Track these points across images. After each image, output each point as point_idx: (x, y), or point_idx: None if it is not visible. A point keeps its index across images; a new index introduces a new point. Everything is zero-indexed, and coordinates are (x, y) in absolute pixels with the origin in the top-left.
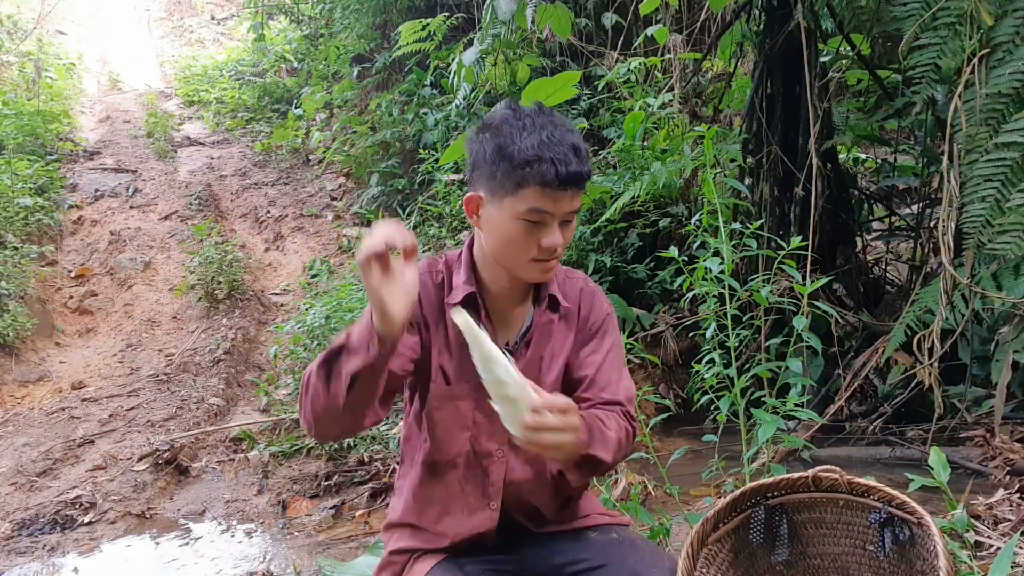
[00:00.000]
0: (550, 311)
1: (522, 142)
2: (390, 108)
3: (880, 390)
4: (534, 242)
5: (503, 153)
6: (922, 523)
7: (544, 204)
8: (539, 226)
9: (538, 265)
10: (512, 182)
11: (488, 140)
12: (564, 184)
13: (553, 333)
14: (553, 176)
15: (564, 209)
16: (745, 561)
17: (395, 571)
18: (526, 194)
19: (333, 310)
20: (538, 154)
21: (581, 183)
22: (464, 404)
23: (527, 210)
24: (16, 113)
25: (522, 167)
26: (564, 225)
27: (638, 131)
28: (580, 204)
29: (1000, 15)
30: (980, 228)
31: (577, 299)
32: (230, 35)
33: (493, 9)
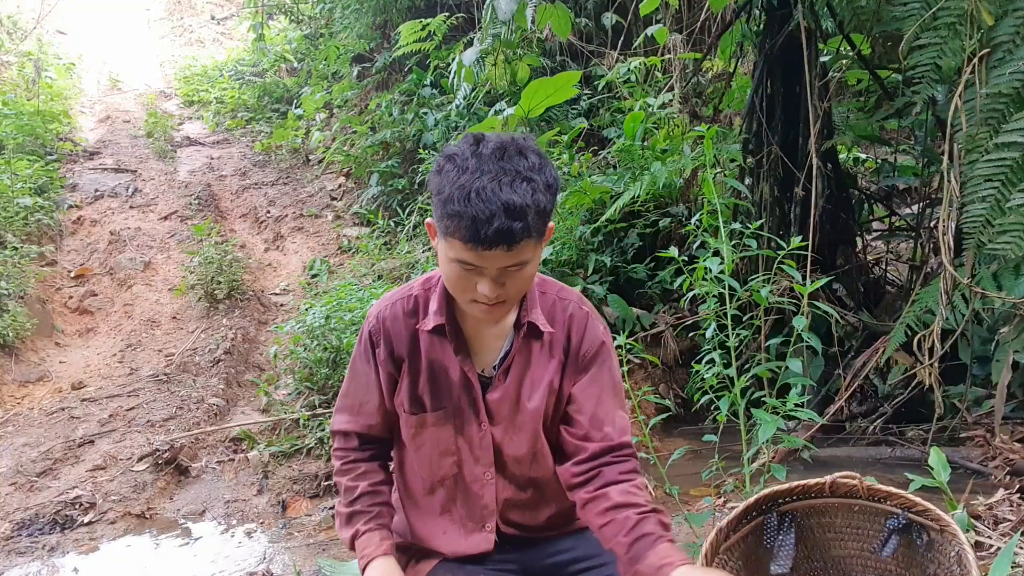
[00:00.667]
0: (531, 337)
1: (453, 190)
2: (390, 108)
3: (880, 390)
4: (471, 286)
5: (438, 196)
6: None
7: (469, 258)
8: (473, 272)
9: (480, 307)
10: (442, 227)
11: (434, 176)
12: (485, 245)
13: (533, 360)
14: (471, 236)
15: (496, 264)
16: (754, 567)
17: None
18: (453, 243)
19: (333, 310)
20: (460, 210)
21: (510, 244)
22: (444, 430)
23: (454, 258)
24: (16, 113)
25: (446, 218)
26: (510, 274)
27: (638, 131)
28: (527, 256)
29: (1000, 15)
30: (980, 228)
31: (566, 325)
32: (230, 35)
33: (493, 9)
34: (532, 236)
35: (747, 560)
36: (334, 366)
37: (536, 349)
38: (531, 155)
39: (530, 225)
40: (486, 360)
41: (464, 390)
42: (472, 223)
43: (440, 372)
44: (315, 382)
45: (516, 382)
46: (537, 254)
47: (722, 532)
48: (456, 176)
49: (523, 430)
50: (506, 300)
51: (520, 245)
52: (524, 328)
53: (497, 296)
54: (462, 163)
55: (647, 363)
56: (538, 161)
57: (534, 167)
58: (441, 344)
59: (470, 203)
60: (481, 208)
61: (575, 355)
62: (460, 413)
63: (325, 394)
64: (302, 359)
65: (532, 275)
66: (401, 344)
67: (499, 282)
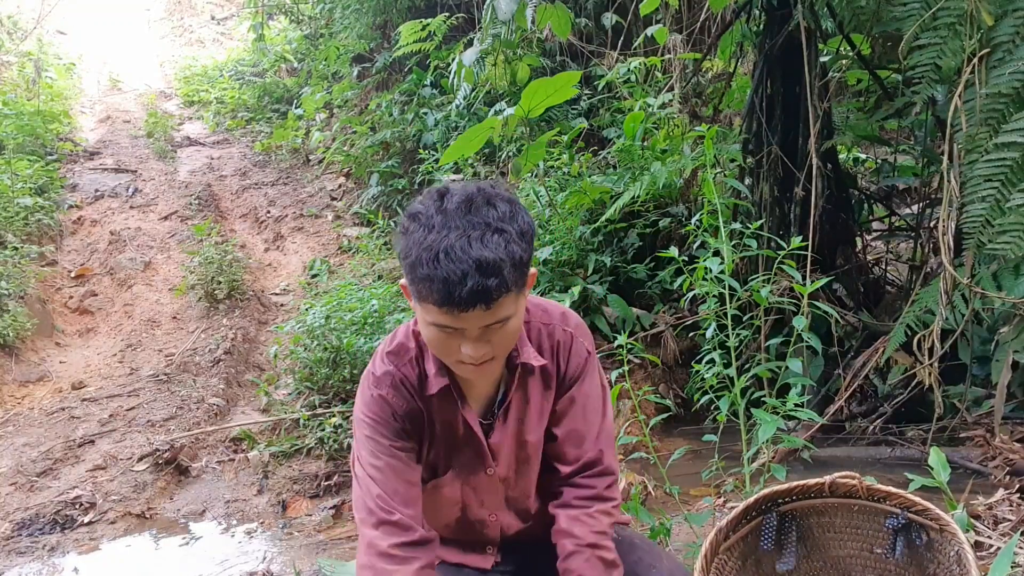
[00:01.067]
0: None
1: (420, 252)
2: (390, 108)
3: (880, 390)
4: (454, 348)
5: (406, 257)
6: (945, 530)
7: (446, 321)
8: (454, 335)
9: (467, 367)
10: (415, 291)
11: (400, 238)
12: (461, 307)
13: (531, 394)
14: (444, 300)
15: (476, 324)
16: (752, 567)
17: None
18: (428, 308)
19: (333, 310)
20: (430, 273)
21: (488, 302)
22: (451, 488)
23: (431, 322)
24: (16, 113)
25: (416, 282)
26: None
27: (638, 131)
28: (508, 312)
29: (1000, 15)
30: (980, 228)
31: (553, 352)
32: (230, 35)
33: (493, 9)
34: (511, 290)
35: (747, 560)
36: (334, 366)
37: (531, 384)
38: (500, 204)
39: (507, 280)
40: (483, 405)
41: (469, 441)
42: (444, 285)
43: (449, 432)
44: (315, 382)
45: (516, 421)
46: (520, 306)
47: (722, 532)
48: (422, 236)
49: (527, 462)
50: (494, 357)
51: (499, 302)
52: (518, 369)
53: (482, 356)
54: (427, 221)
55: (647, 363)
56: (508, 209)
57: (504, 216)
58: (445, 402)
59: (439, 264)
60: (452, 269)
61: (563, 379)
62: (467, 466)
63: (325, 394)
64: (302, 359)
65: (518, 328)
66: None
67: (483, 341)
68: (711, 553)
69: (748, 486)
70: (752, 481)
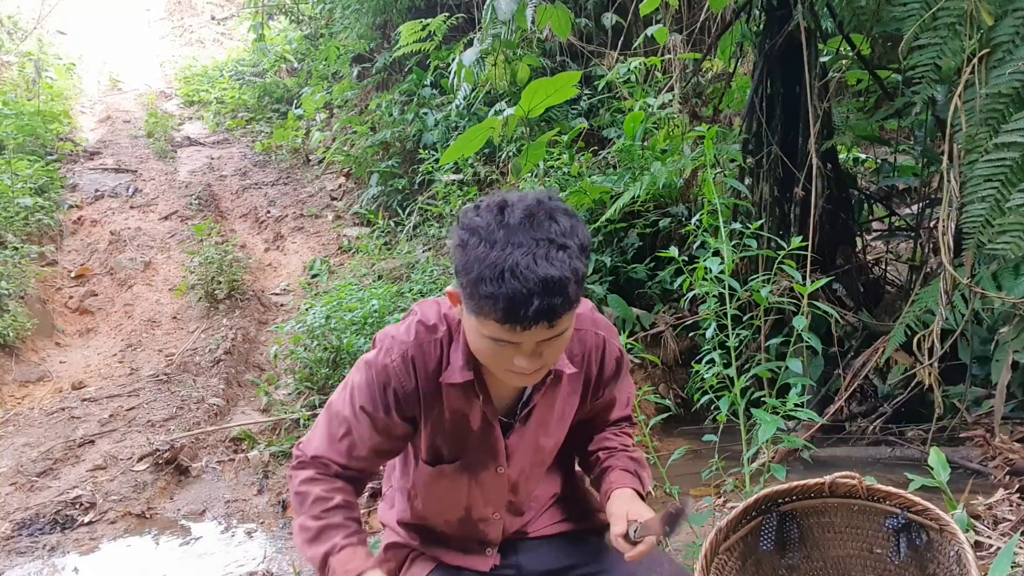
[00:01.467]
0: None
1: (483, 269)
2: (390, 108)
3: (880, 390)
4: (507, 358)
5: (467, 273)
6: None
7: (505, 336)
8: (509, 348)
9: (516, 377)
10: (473, 307)
11: (458, 250)
12: (524, 324)
13: (556, 399)
14: (508, 318)
15: (533, 339)
16: (752, 568)
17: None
18: (487, 323)
19: (333, 310)
20: (494, 291)
21: (551, 320)
22: (459, 480)
23: (488, 336)
24: (16, 113)
25: (478, 298)
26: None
27: (638, 131)
28: (567, 325)
29: (1000, 15)
30: (980, 228)
31: (585, 359)
32: (230, 35)
33: (493, 9)
34: (573, 307)
35: (746, 560)
36: (334, 366)
37: (558, 390)
38: (561, 218)
39: (571, 297)
40: (505, 404)
41: (483, 436)
42: (509, 303)
43: (461, 422)
44: (315, 382)
45: (537, 424)
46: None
47: (722, 532)
48: (484, 252)
49: (541, 465)
50: (543, 366)
51: (561, 319)
52: (550, 376)
53: (536, 368)
54: (488, 236)
55: (647, 363)
56: (570, 224)
57: (567, 231)
58: (466, 396)
59: (504, 282)
60: (518, 288)
61: (597, 381)
62: (476, 461)
63: (325, 394)
64: (302, 359)
65: (568, 339)
66: (424, 392)
67: (537, 354)
68: (711, 553)
69: (748, 486)
70: (752, 481)
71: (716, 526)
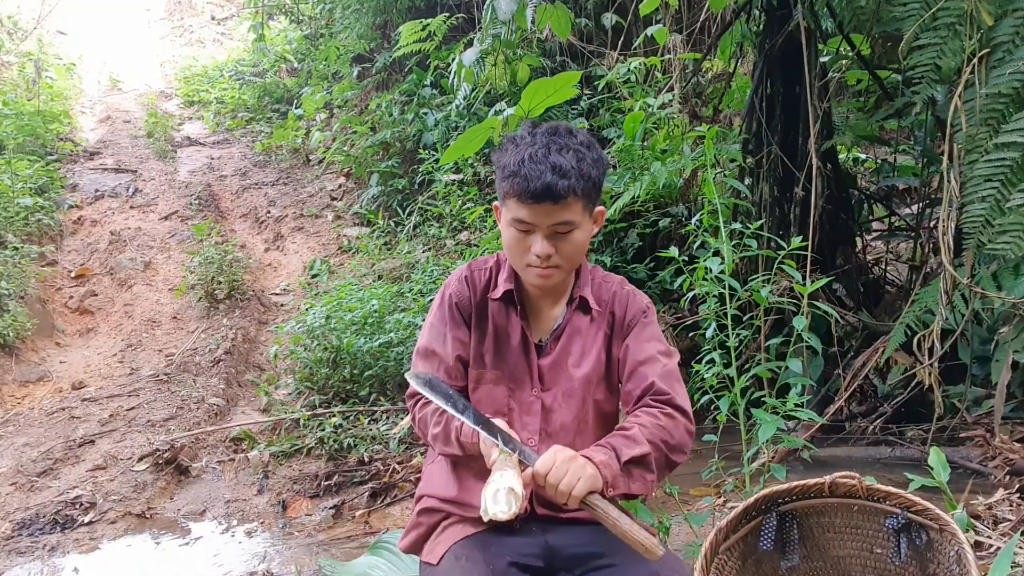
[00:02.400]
0: (581, 312)
1: (510, 157)
2: (390, 108)
3: (880, 390)
4: (526, 248)
5: (499, 166)
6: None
7: (522, 214)
8: (527, 234)
9: (534, 271)
10: (501, 192)
11: (498, 154)
12: (535, 198)
13: (584, 332)
14: (523, 190)
15: (545, 221)
16: (752, 568)
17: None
18: (510, 204)
19: (333, 310)
20: (515, 170)
21: (556, 198)
22: (499, 389)
23: (512, 219)
24: (16, 113)
25: (504, 179)
26: (558, 236)
27: (638, 131)
28: (574, 217)
29: (1000, 15)
30: (980, 228)
31: (610, 302)
32: (230, 35)
33: (493, 9)
34: (578, 196)
35: (747, 560)
36: (334, 366)
37: (586, 322)
38: (580, 135)
39: (575, 185)
40: (544, 331)
41: (522, 354)
42: (524, 180)
43: (503, 337)
44: (315, 382)
45: (565, 352)
46: (586, 223)
47: (722, 532)
48: (513, 148)
49: (572, 396)
50: (559, 265)
51: (566, 201)
52: (576, 302)
53: (548, 255)
54: (520, 140)
55: None
56: (587, 140)
57: (583, 144)
58: (507, 311)
59: (524, 165)
60: (532, 168)
61: (620, 324)
62: (515, 377)
63: (325, 394)
64: (302, 359)
65: (582, 243)
66: (476, 308)
67: (551, 242)
68: (711, 553)
69: (748, 486)
70: (752, 481)
71: (716, 526)
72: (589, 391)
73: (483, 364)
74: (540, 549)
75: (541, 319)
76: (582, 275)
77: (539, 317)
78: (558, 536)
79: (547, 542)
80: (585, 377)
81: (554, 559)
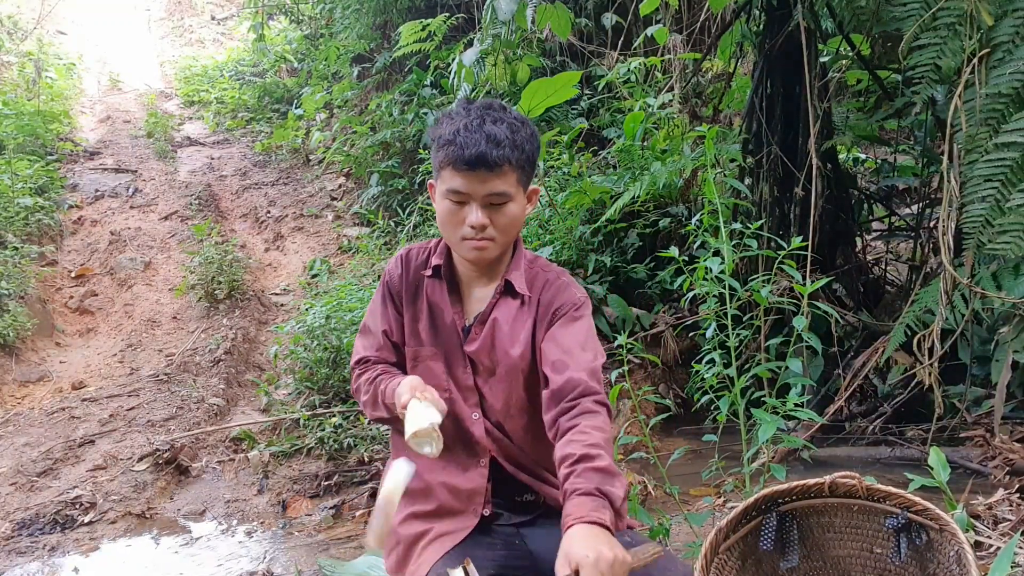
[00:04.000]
0: (510, 297)
1: (445, 128)
2: (390, 108)
3: (880, 390)
4: (460, 220)
5: (433, 138)
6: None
7: (456, 184)
8: (462, 205)
9: (469, 243)
10: (436, 163)
11: (434, 129)
12: (469, 165)
13: (511, 317)
14: (457, 157)
15: (479, 191)
16: (752, 568)
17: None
18: (444, 175)
19: (333, 310)
20: (451, 139)
21: (490, 166)
22: (437, 366)
23: (447, 189)
24: (16, 113)
25: (439, 149)
26: (492, 208)
27: (638, 131)
28: (508, 188)
29: (1000, 15)
30: (980, 228)
31: (540, 289)
32: (230, 35)
33: (493, 9)
34: (512, 166)
35: (747, 560)
36: (334, 366)
37: (515, 307)
38: (513, 112)
39: (509, 155)
40: (472, 312)
41: (453, 334)
42: (460, 148)
43: (437, 314)
44: (315, 382)
45: (490, 335)
46: (520, 198)
47: (722, 532)
48: (448, 121)
49: (501, 381)
50: (493, 238)
51: (501, 170)
52: (501, 285)
53: (483, 226)
54: (455, 114)
55: (647, 363)
56: (521, 117)
57: (517, 119)
58: (440, 289)
59: (459, 135)
60: (467, 136)
61: (546, 312)
62: (450, 354)
63: (325, 394)
64: (302, 359)
65: (516, 217)
66: (408, 286)
67: (485, 212)
68: (711, 553)
69: (748, 486)
70: (752, 481)
71: (716, 526)
72: (517, 377)
73: (420, 341)
74: (524, 559)
75: (472, 300)
76: (515, 259)
77: (470, 298)
78: (541, 543)
79: (531, 551)
80: (512, 364)
81: (539, 566)
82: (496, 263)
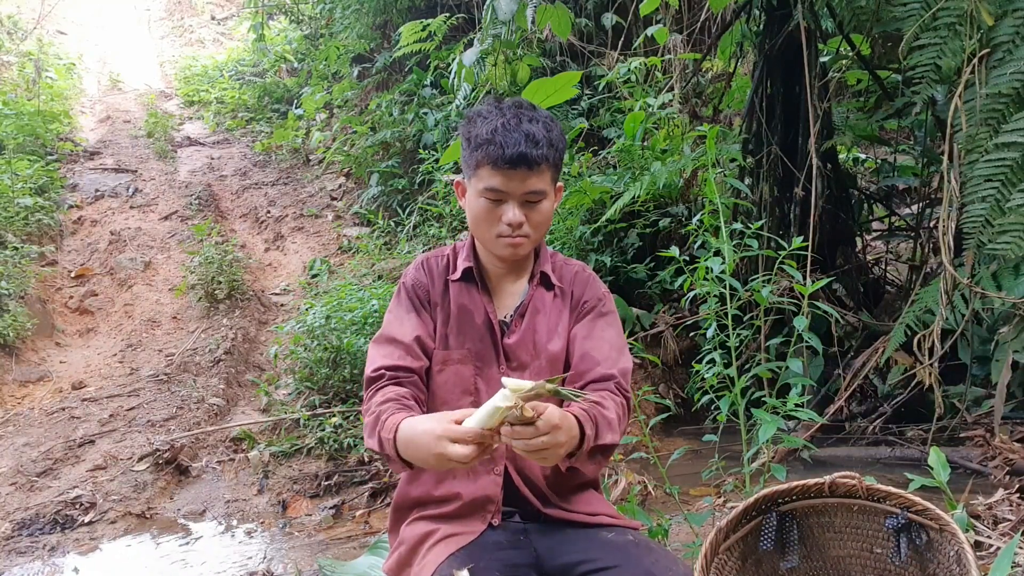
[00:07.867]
0: (544, 288)
1: (481, 128)
2: (390, 108)
3: (880, 390)
4: (497, 219)
5: (467, 138)
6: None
7: (495, 183)
8: (499, 204)
9: (504, 240)
10: (473, 162)
11: (465, 127)
12: (511, 164)
13: (548, 308)
14: (498, 156)
15: (518, 189)
16: (752, 568)
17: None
18: (482, 173)
19: (333, 310)
20: (489, 138)
21: (530, 165)
22: (465, 369)
23: (484, 188)
24: (16, 113)
25: (476, 149)
26: (528, 206)
27: (638, 131)
28: (544, 186)
29: (1000, 15)
30: (980, 228)
31: (571, 281)
32: (230, 35)
33: (493, 9)
34: (549, 164)
35: (747, 560)
36: (334, 366)
37: (549, 298)
38: (543, 111)
39: (547, 154)
40: (507, 308)
41: (487, 333)
42: (500, 147)
43: (466, 316)
44: (315, 382)
45: (531, 328)
46: (551, 196)
47: (722, 532)
48: (483, 119)
49: (540, 374)
50: (528, 235)
51: (540, 168)
52: (537, 277)
53: (520, 223)
54: (487, 113)
55: (647, 363)
56: (548, 115)
57: (548, 118)
58: (468, 291)
59: (497, 133)
60: (505, 136)
61: (577, 304)
62: (482, 356)
63: (325, 394)
64: (302, 359)
65: (549, 214)
66: (435, 292)
67: (522, 210)
68: (711, 553)
69: (748, 486)
70: (752, 481)
71: (716, 526)
72: (558, 368)
73: (448, 344)
74: (530, 559)
75: (503, 296)
76: (542, 254)
77: (501, 294)
78: (547, 545)
79: (536, 551)
80: (554, 354)
81: (545, 568)
82: (523, 259)
